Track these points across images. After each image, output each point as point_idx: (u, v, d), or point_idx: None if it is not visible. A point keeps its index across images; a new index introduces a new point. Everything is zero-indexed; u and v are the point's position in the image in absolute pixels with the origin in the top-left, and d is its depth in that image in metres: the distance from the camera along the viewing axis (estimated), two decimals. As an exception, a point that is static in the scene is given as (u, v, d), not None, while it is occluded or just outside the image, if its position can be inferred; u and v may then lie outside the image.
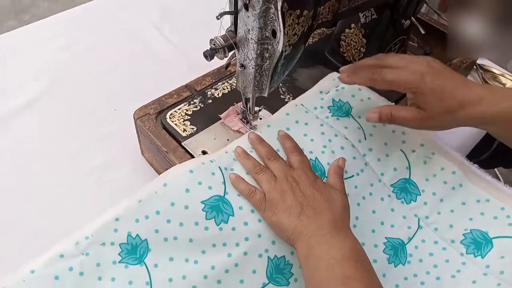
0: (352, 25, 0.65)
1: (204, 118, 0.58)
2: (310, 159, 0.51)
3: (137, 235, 0.46)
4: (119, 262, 0.45)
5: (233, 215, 0.47)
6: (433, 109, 0.48)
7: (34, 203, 0.59)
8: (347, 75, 0.53)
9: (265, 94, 0.51)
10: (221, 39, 0.48)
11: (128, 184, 0.61)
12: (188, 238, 0.46)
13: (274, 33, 0.44)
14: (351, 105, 0.57)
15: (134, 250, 0.46)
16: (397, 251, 0.50)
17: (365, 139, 0.55)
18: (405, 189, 0.54)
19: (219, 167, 0.49)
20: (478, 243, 0.50)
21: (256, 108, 0.56)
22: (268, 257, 0.47)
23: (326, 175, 0.50)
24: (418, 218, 0.52)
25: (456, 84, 0.48)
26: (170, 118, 0.58)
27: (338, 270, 0.40)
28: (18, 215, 0.58)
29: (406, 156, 0.55)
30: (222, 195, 0.48)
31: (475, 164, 0.54)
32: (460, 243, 0.51)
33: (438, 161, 0.54)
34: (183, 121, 0.58)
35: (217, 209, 0.47)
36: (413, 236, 0.52)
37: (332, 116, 0.56)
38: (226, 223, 0.47)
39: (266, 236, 0.47)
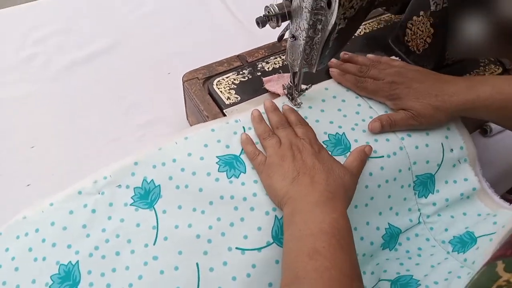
0: (421, 13, 0.61)
1: (250, 90, 0.58)
2: (337, 133, 0.51)
3: (152, 180, 0.47)
4: (130, 204, 0.47)
5: (245, 173, 0.47)
6: (415, 107, 0.51)
7: (79, 149, 0.62)
8: (338, 73, 0.56)
9: (314, 70, 0.49)
10: (276, 7, 0.46)
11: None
12: (199, 188, 0.47)
13: (329, 3, 0.42)
14: None
15: (146, 195, 0.47)
16: (392, 238, 0.50)
17: None
18: (424, 184, 0.52)
19: (243, 126, 0.50)
20: (464, 242, 0.49)
21: (303, 86, 0.54)
22: (276, 216, 0.45)
23: (350, 150, 0.50)
24: (420, 214, 0.51)
25: (430, 83, 0.52)
26: (216, 85, 0.58)
27: (310, 242, 0.39)
28: (64, 157, 0.61)
29: (443, 152, 0.52)
30: (238, 154, 0.48)
31: (487, 182, 0.54)
32: (449, 243, 0.49)
33: (465, 169, 0.52)
34: (229, 90, 0.58)
35: (230, 165, 0.48)
36: (410, 228, 0.50)
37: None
38: (237, 178, 0.47)
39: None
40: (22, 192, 0.58)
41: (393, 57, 0.60)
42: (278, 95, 0.56)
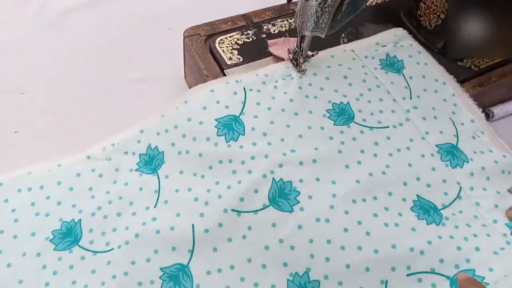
0: (438, -14, 0.58)
1: (253, 51, 0.55)
2: (341, 102, 0.49)
3: (156, 147, 0.48)
4: (135, 170, 0.47)
5: (243, 135, 0.47)
6: None
7: (71, 98, 0.60)
8: None
9: (323, 35, 0.47)
10: (289, -36, 0.44)
11: (164, 103, 0.60)
12: (199, 153, 0.47)
13: (347, -37, 0.39)
14: (404, 65, 0.54)
15: (151, 161, 0.47)
16: (428, 212, 0.45)
17: (411, 98, 0.51)
18: (452, 153, 0.49)
19: (244, 87, 0.49)
20: None
21: (310, 52, 0.52)
22: (273, 178, 0.45)
23: (354, 120, 0.49)
24: (460, 187, 0.47)
25: None
26: (219, 43, 0.56)
27: None
28: (54, 105, 0.59)
29: (454, 124, 0.51)
30: (238, 114, 0.48)
31: None
32: (505, 225, 0.45)
33: (487, 141, 0.50)
34: (231, 50, 0.55)
35: (229, 127, 0.47)
36: (449, 204, 0.46)
37: (381, 69, 0.53)
38: (236, 141, 0.47)
39: (274, 158, 0.46)
40: (9, 139, 0.56)
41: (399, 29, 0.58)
42: (282, 59, 0.54)
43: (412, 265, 0.42)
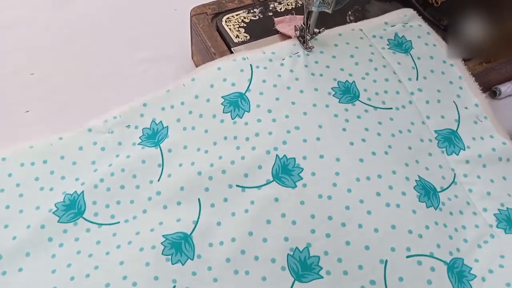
0: (445, -39, 0.58)
1: (260, 29, 0.56)
2: (347, 81, 0.50)
3: (161, 121, 0.48)
4: (138, 144, 0.47)
5: (248, 111, 0.47)
6: None
7: (80, 78, 0.60)
8: None
9: (330, 10, 0.47)
10: None
11: (171, 82, 0.61)
12: (204, 129, 0.47)
13: None
14: (412, 45, 0.53)
15: (154, 136, 0.48)
16: (428, 193, 0.46)
17: (417, 79, 0.51)
18: (449, 140, 0.49)
19: (250, 64, 0.49)
20: (511, 220, 0.46)
21: (316, 30, 0.52)
22: (277, 155, 0.45)
23: (359, 99, 0.49)
24: (455, 174, 0.48)
25: None
26: (226, 21, 0.56)
27: None
28: (64, 85, 0.60)
29: (457, 109, 0.51)
30: (244, 92, 0.48)
31: None
32: (493, 215, 0.46)
33: (489, 127, 0.50)
34: (238, 28, 0.56)
35: (235, 104, 0.48)
36: (447, 188, 0.47)
37: (388, 49, 0.53)
38: (241, 118, 0.47)
39: (278, 134, 0.46)
40: (21, 119, 0.57)
41: (408, 9, 0.57)
42: (289, 37, 0.54)
43: (411, 247, 0.42)
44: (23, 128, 0.56)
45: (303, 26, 0.52)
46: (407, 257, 0.42)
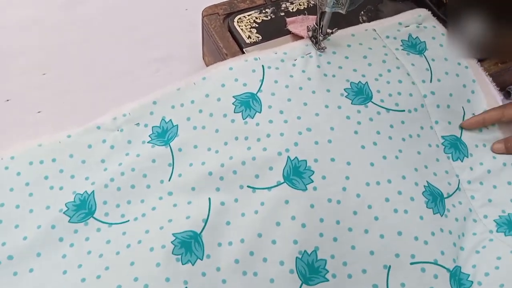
0: (460, -39, 0.57)
1: (272, 30, 0.55)
2: (359, 82, 0.49)
3: (170, 120, 0.48)
4: (147, 142, 0.47)
5: (260, 112, 0.47)
6: None
7: (91, 79, 0.61)
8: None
9: (343, 11, 0.47)
10: None
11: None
12: (215, 129, 0.47)
13: None
14: (427, 47, 0.53)
15: (164, 134, 0.47)
16: (436, 199, 0.46)
17: (431, 82, 0.51)
18: (455, 146, 0.49)
19: (262, 65, 0.49)
20: None
21: (329, 31, 0.52)
22: (288, 157, 0.44)
23: (371, 100, 0.49)
24: (459, 180, 0.48)
25: None
26: (237, 22, 0.56)
27: None
28: (76, 85, 0.60)
29: (464, 115, 0.51)
30: (255, 92, 0.48)
31: None
32: (493, 221, 0.46)
33: (494, 131, 0.51)
34: (250, 28, 0.55)
35: (246, 104, 0.47)
36: (452, 194, 0.47)
37: (402, 50, 0.52)
38: (252, 118, 0.46)
39: (289, 136, 0.45)
40: (33, 119, 0.57)
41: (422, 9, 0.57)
42: (301, 38, 0.53)
43: (416, 254, 0.42)
44: (35, 128, 0.56)
45: (316, 26, 0.51)
46: (411, 264, 0.42)
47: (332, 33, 0.52)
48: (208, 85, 0.49)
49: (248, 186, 0.44)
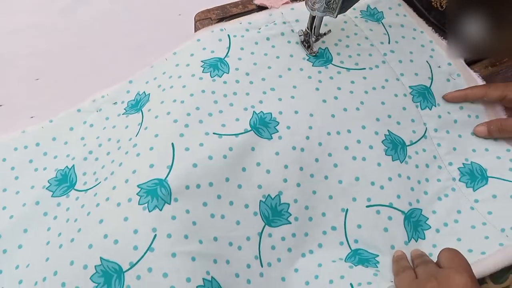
0: (449, -35, 0.58)
1: (264, 34, 0.56)
2: (319, 47, 0.52)
3: (144, 91, 0.50)
4: (122, 114, 0.50)
5: (228, 73, 0.49)
6: None
7: (84, 84, 0.61)
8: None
9: (334, 16, 0.47)
10: None
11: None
12: (182, 85, 0.48)
13: None
14: (384, 16, 0.56)
15: (137, 104, 0.50)
16: (396, 147, 0.48)
17: (389, 43, 0.54)
18: (423, 95, 0.51)
19: (228, 34, 0.52)
20: (474, 176, 0.48)
21: (321, 32, 0.52)
22: (254, 111, 0.47)
23: (332, 62, 0.51)
24: (426, 128, 0.50)
25: None
26: (230, 27, 0.56)
27: None
28: (69, 91, 0.60)
29: (430, 67, 0.53)
30: (223, 57, 0.50)
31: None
32: (457, 169, 0.49)
33: (461, 84, 0.53)
34: (242, 33, 0.56)
35: (214, 66, 0.49)
36: (416, 142, 0.49)
37: (361, 17, 0.55)
38: (220, 77, 0.49)
39: (255, 95, 0.48)
40: (26, 124, 0.56)
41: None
42: (266, 8, 0.55)
43: (372, 198, 0.45)
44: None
45: (308, 31, 0.52)
46: (367, 206, 0.45)
47: (325, 34, 0.52)
48: (178, 57, 0.51)
49: (214, 133, 0.45)
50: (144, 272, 0.39)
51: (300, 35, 0.53)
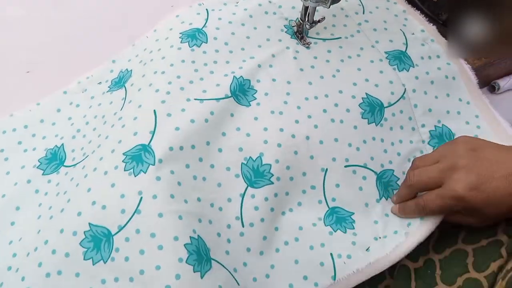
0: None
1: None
2: (297, 18, 0.53)
3: (126, 69, 0.52)
4: (106, 92, 0.52)
5: (206, 43, 0.50)
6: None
7: (74, 75, 0.60)
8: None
9: (327, 6, 0.47)
10: None
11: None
12: (161, 57, 0.49)
13: None
14: None
15: (120, 80, 0.51)
16: (373, 109, 0.49)
17: (363, 13, 0.55)
18: (400, 58, 0.52)
19: (206, 9, 0.54)
20: (442, 140, 0.50)
21: (315, 19, 0.52)
22: (234, 76, 0.48)
23: (308, 35, 0.53)
24: (405, 89, 0.51)
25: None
26: (222, 17, 0.56)
27: None
28: (61, 84, 0.59)
29: (404, 34, 0.54)
30: (201, 27, 0.52)
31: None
32: (428, 132, 0.51)
33: (436, 48, 0.54)
34: (235, 23, 0.56)
35: (192, 36, 0.51)
36: (394, 103, 0.50)
37: None
38: (199, 47, 0.50)
39: (234, 63, 0.50)
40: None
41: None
42: None
43: (349, 158, 0.47)
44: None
45: (301, 21, 0.51)
46: (345, 166, 0.47)
47: (319, 21, 0.52)
48: (158, 33, 0.53)
49: (196, 99, 0.46)
50: (133, 234, 0.40)
51: (293, 26, 0.53)
